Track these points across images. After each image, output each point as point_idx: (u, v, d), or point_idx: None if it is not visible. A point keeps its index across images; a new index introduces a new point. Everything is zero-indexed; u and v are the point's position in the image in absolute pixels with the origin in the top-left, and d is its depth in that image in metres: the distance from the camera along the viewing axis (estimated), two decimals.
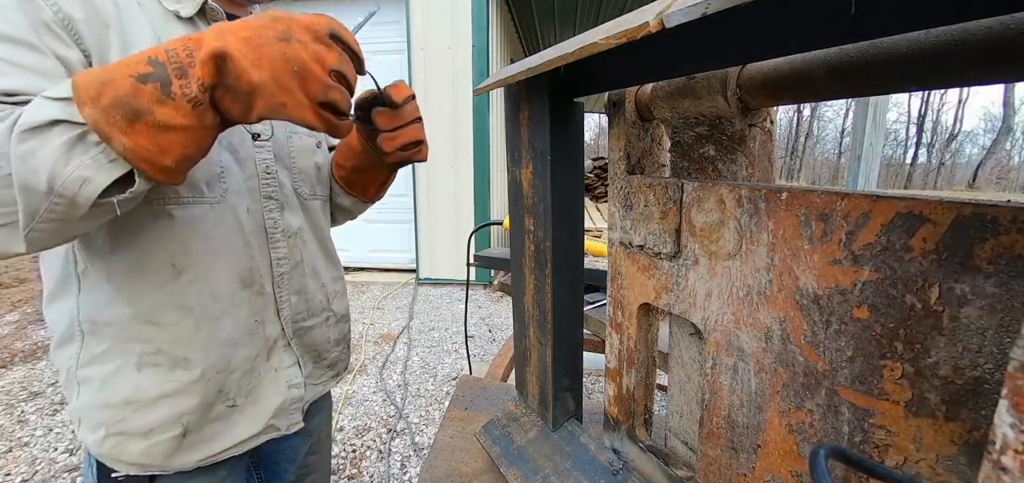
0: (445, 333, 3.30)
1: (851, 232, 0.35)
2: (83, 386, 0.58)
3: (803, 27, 0.31)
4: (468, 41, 4.00)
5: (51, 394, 2.48)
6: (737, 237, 0.44)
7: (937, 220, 0.31)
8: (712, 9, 0.27)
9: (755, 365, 0.44)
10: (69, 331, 0.58)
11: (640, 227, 0.57)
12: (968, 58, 0.29)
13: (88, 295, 0.56)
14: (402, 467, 1.94)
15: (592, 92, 0.56)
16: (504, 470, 0.69)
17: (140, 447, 0.58)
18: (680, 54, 0.42)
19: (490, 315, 3.70)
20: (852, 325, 0.36)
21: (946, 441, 0.32)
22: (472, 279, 4.28)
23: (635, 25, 0.34)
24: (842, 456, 0.34)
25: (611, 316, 0.66)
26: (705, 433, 0.51)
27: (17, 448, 2.03)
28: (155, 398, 0.58)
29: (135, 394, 0.57)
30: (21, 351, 3.03)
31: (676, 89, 0.53)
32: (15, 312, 3.78)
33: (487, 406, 0.93)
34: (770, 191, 0.41)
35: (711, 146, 0.56)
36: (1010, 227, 0.28)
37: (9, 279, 4.74)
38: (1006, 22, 0.27)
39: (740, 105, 0.48)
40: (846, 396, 0.37)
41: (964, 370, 0.31)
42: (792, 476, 0.43)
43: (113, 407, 0.57)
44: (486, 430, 0.78)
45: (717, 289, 0.47)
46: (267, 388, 0.67)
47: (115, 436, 0.58)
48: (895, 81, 0.34)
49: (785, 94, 0.43)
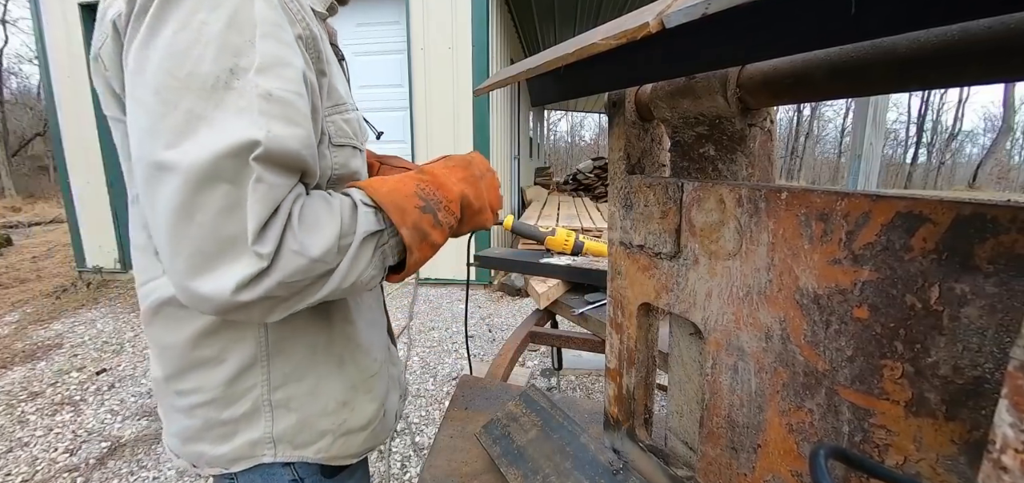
0: (445, 333, 3.30)
1: (851, 232, 0.35)
2: (281, 409, 0.59)
3: (803, 27, 0.31)
4: (468, 41, 4.00)
5: (51, 394, 2.48)
6: (737, 237, 0.45)
7: (937, 220, 0.31)
8: (712, 9, 0.28)
9: (755, 365, 0.44)
10: (248, 361, 0.57)
11: (640, 227, 0.57)
12: (968, 58, 0.29)
13: (272, 337, 0.57)
14: (402, 467, 1.94)
15: (592, 92, 0.56)
16: (504, 470, 0.69)
17: (361, 438, 0.66)
18: (680, 54, 0.42)
19: (490, 315, 3.70)
20: (852, 325, 0.36)
21: (946, 441, 0.32)
22: (472, 279, 4.28)
23: (635, 25, 0.34)
24: (842, 456, 0.34)
25: (611, 316, 0.66)
26: (705, 433, 0.51)
27: (17, 448, 2.03)
28: (364, 392, 0.65)
29: (347, 394, 0.63)
30: (21, 351, 3.03)
31: (676, 89, 0.53)
32: (15, 312, 3.78)
33: (487, 406, 0.93)
34: (770, 191, 0.41)
35: (711, 146, 0.56)
36: (1010, 227, 0.28)
37: (9, 279, 4.75)
38: (1006, 22, 0.27)
39: (740, 105, 0.48)
40: (846, 396, 0.37)
41: (964, 370, 0.31)
42: (792, 476, 0.43)
43: (331, 414, 0.62)
44: (486, 430, 0.78)
45: (717, 289, 0.47)
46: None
47: (342, 437, 0.63)
48: (895, 81, 0.34)
49: (785, 94, 0.43)
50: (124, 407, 2.35)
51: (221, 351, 0.56)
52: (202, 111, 0.41)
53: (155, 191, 0.42)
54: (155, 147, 0.41)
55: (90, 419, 2.24)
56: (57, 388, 2.54)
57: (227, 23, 0.42)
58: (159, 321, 0.56)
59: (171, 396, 0.59)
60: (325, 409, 0.61)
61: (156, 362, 0.60)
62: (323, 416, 0.61)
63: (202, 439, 0.59)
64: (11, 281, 4.69)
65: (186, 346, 0.55)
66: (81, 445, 2.05)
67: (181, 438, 0.60)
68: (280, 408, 0.59)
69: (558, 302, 1.38)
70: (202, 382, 0.56)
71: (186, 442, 0.60)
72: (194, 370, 0.56)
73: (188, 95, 0.41)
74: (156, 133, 0.41)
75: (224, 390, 0.57)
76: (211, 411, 0.57)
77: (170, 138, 0.41)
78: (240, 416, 0.58)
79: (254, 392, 0.58)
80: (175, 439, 0.61)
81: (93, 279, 4.48)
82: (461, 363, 2.85)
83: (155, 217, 0.43)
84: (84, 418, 2.25)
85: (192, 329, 0.55)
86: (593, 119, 32.50)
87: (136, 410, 2.32)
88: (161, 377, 0.59)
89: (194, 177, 0.40)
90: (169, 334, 0.56)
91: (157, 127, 0.41)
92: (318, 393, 0.61)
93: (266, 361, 0.57)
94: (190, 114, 0.41)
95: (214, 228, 0.41)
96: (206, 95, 0.41)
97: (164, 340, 0.57)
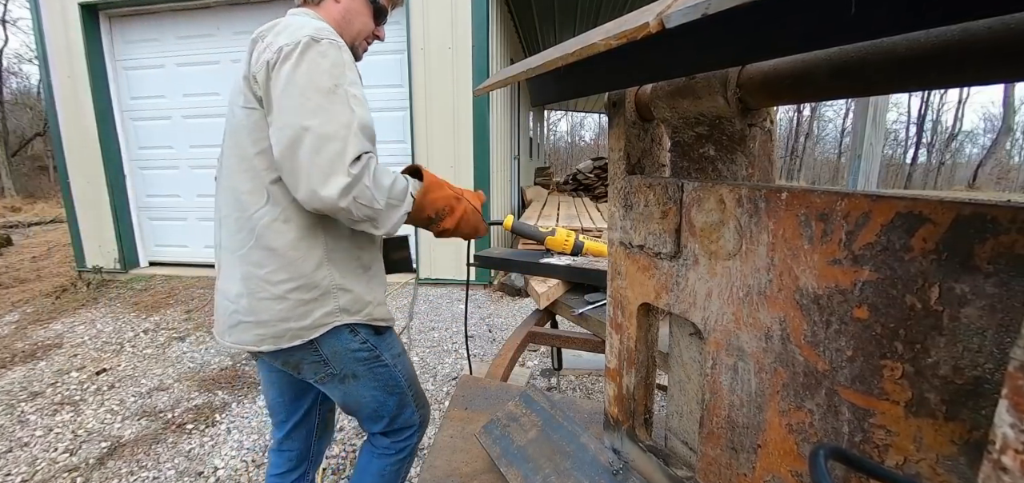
0: (445, 333, 3.29)
1: (851, 232, 0.35)
2: (341, 291, 0.95)
3: (803, 27, 0.31)
4: (468, 41, 4.00)
5: (51, 394, 2.48)
6: (737, 237, 0.45)
7: (937, 220, 0.31)
8: (712, 9, 0.27)
9: (755, 365, 0.44)
10: (318, 261, 0.92)
11: (640, 227, 0.57)
12: (968, 58, 0.29)
13: (333, 246, 0.95)
14: None
15: (592, 92, 0.56)
16: (504, 470, 0.69)
17: (385, 310, 1.05)
18: (680, 54, 0.42)
19: (490, 315, 3.70)
20: (852, 325, 0.36)
21: (946, 441, 0.32)
22: (472, 279, 4.28)
23: (635, 25, 0.34)
24: (842, 456, 0.34)
25: (611, 316, 0.66)
26: (705, 433, 0.51)
27: (17, 448, 2.03)
28: (377, 287, 1.05)
29: (379, 286, 1.05)
30: (21, 351, 3.03)
31: (676, 89, 0.53)
32: (15, 312, 3.78)
33: (487, 406, 0.93)
34: (770, 191, 0.41)
35: (711, 146, 0.56)
36: (1010, 227, 0.28)
37: (9, 279, 4.75)
38: (1006, 22, 0.27)
39: (740, 105, 0.48)
40: (846, 396, 0.37)
41: (964, 370, 0.31)
42: (792, 476, 0.43)
43: (366, 295, 1.00)
44: (486, 430, 0.78)
45: (717, 289, 0.47)
46: None
47: (377, 306, 1.03)
48: (895, 81, 0.34)
49: (785, 94, 0.43)
50: (124, 407, 2.35)
51: (306, 253, 0.91)
52: (323, 103, 0.82)
53: (299, 141, 0.80)
54: (301, 119, 0.81)
55: (90, 419, 2.24)
56: (57, 388, 2.54)
57: (332, 63, 0.84)
58: (269, 233, 0.89)
59: (267, 292, 0.90)
60: (363, 292, 0.99)
61: (249, 276, 0.91)
62: (364, 295, 0.99)
63: (289, 317, 0.91)
64: (11, 281, 4.69)
65: (285, 248, 0.90)
66: (81, 445, 2.05)
67: (271, 323, 0.91)
68: (340, 290, 0.95)
69: (558, 302, 1.38)
70: (294, 273, 0.90)
71: (276, 324, 0.91)
72: (290, 265, 0.90)
73: (316, 95, 0.82)
74: (301, 112, 0.81)
75: (308, 278, 0.91)
76: (300, 293, 0.91)
77: (307, 115, 0.81)
78: (317, 297, 0.92)
79: (325, 281, 0.93)
80: (262, 329, 0.91)
81: (93, 279, 4.48)
82: (461, 363, 2.85)
83: (295, 157, 0.81)
84: (84, 418, 2.25)
85: (289, 237, 0.90)
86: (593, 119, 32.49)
87: (136, 410, 2.32)
88: (260, 277, 0.90)
89: (320, 134, 0.80)
90: (276, 239, 0.89)
91: (302, 108, 0.81)
92: (358, 282, 0.98)
93: (328, 264, 0.93)
94: (317, 105, 0.81)
95: (330, 159, 0.80)
96: (324, 95, 0.82)
97: (272, 244, 0.89)
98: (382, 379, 1.05)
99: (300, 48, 0.82)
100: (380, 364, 1.04)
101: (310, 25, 0.87)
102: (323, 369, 0.98)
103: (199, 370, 2.73)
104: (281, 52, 0.83)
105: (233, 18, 4.31)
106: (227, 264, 0.96)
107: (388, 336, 1.08)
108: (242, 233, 0.91)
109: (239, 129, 0.90)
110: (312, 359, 0.96)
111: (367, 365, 1.01)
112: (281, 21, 0.92)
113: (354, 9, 1.04)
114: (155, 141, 4.70)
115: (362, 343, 1.00)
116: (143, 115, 4.66)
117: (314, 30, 0.85)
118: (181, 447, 2.02)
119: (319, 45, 0.84)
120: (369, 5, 1.07)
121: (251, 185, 0.90)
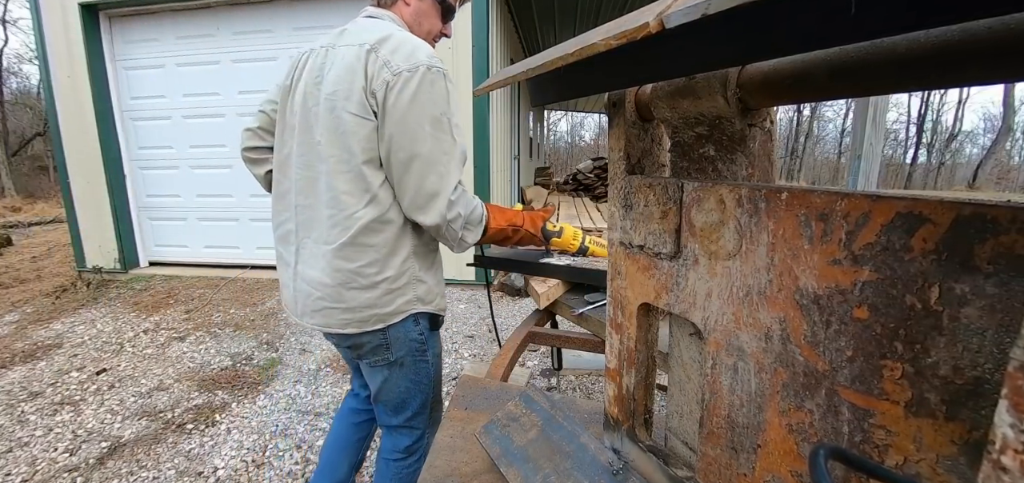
0: (445, 333, 3.29)
1: (851, 232, 0.35)
2: (419, 282, 1.06)
3: (803, 27, 0.31)
4: (468, 41, 3.99)
5: (51, 394, 2.48)
6: (737, 237, 0.44)
7: (937, 220, 0.31)
8: (712, 9, 0.27)
9: (755, 365, 0.44)
10: (405, 256, 1.03)
11: (640, 227, 0.57)
12: (968, 58, 0.29)
13: (417, 243, 1.05)
14: None
15: (592, 92, 0.56)
16: (504, 470, 0.69)
17: (445, 301, 1.15)
18: (680, 54, 0.42)
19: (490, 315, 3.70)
20: (852, 325, 0.36)
21: (946, 441, 0.32)
22: (472, 279, 4.28)
23: (635, 25, 0.34)
24: (842, 456, 0.34)
25: (611, 316, 0.66)
26: (705, 433, 0.51)
27: (17, 448, 2.03)
28: (442, 278, 1.15)
29: (442, 279, 1.15)
30: (21, 351, 3.03)
31: (676, 89, 0.53)
32: (15, 312, 3.78)
33: (487, 406, 0.93)
34: (770, 191, 0.41)
35: (711, 146, 0.56)
36: (1010, 227, 0.28)
37: (9, 279, 4.75)
38: (1006, 22, 0.27)
39: (740, 105, 0.48)
40: (846, 396, 0.37)
41: (964, 370, 0.31)
42: (792, 476, 0.43)
43: (434, 287, 1.11)
44: (486, 430, 0.78)
45: (717, 289, 0.47)
46: None
47: (440, 298, 1.13)
48: (895, 81, 0.34)
49: (785, 94, 0.43)
50: (124, 407, 2.35)
51: (397, 250, 1.01)
52: (432, 132, 0.94)
53: (409, 166, 0.93)
54: (414, 146, 0.92)
55: (90, 419, 2.24)
56: (57, 388, 2.54)
57: (440, 93, 0.94)
58: (366, 232, 0.97)
59: (358, 283, 0.99)
60: (433, 284, 1.10)
61: (339, 268, 0.98)
62: (434, 287, 1.10)
63: (376, 305, 1.01)
64: (11, 281, 4.69)
65: (380, 245, 0.99)
66: (81, 445, 2.05)
67: (359, 309, 1.00)
68: (418, 281, 1.06)
69: (558, 302, 1.38)
70: (385, 267, 1.00)
71: (363, 310, 1.00)
72: (382, 260, 1.00)
73: (427, 124, 0.93)
74: (414, 140, 0.92)
75: (397, 270, 1.02)
76: (389, 283, 1.01)
77: (419, 143, 0.93)
78: (402, 286, 1.03)
79: (410, 272, 1.04)
80: (349, 314, 1.01)
81: (93, 279, 4.47)
82: (461, 363, 2.85)
83: (407, 176, 0.94)
84: (84, 418, 2.25)
85: (385, 236, 0.99)
86: (593, 119, 32.48)
87: (136, 410, 2.32)
88: (351, 269, 0.98)
89: (429, 159, 0.93)
90: (373, 238, 0.98)
91: (415, 136, 0.92)
92: (431, 274, 1.09)
93: (412, 258, 1.04)
94: (427, 134, 0.93)
95: (435, 186, 0.94)
96: (433, 124, 0.93)
97: (369, 241, 0.98)
98: (420, 374, 1.12)
99: (418, 77, 0.91)
100: (423, 359, 1.12)
101: (422, 49, 0.94)
102: (383, 353, 1.06)
103: (199, 370, 2.73)
104: (401, 77, 0.91)
105: (233, 18, 4.31)
106: (311, 254, 1.02)
107: (437, 334, 1.17)
108: (336, 228, 0.97)
109: (347, 134, 0.94)
110: (378, 343, 1.05)
111: (414, 356, 1.10)
112: (389, 31, 0.97)
113: (423, 10, 1.11)
114: (155, 141, 4.70)
115: (420, 334, 1.09)
116: (143, 115, 4.66)
117: (427, 57, 0.93)
118: (181, 447, 2.02)
119: (431, 73, 0.92)
120: (437, 5, 1.13)
121: (351, 186, 0.96)
